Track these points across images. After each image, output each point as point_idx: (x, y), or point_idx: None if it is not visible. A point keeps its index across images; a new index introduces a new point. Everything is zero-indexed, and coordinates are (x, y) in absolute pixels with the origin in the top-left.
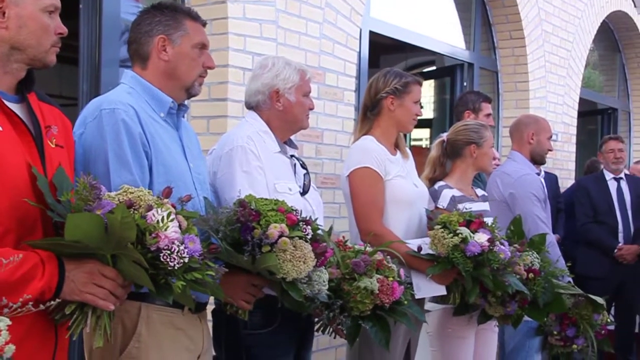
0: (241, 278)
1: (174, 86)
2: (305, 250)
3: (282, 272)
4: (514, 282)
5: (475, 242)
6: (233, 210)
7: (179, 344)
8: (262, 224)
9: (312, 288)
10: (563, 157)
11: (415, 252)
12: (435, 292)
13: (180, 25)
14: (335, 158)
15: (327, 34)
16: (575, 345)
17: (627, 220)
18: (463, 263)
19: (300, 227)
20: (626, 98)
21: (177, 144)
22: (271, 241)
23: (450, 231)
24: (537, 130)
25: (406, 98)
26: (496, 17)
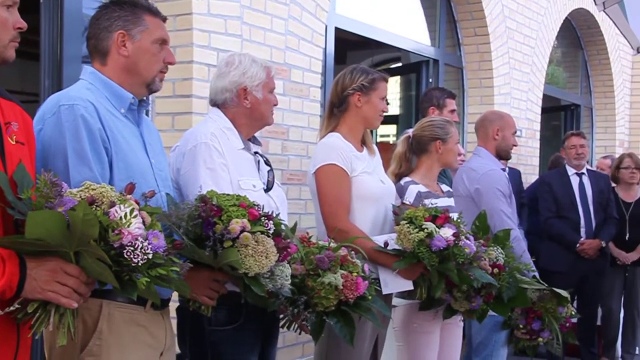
0: (203, 274)
1: (134, 82)
2: (267, 245)
3: (244, 267)
4: (480, 275)
5: (440, 236)
6: (195, 206)
7: (141, 341)
8: (223, 219)
9: (275, 283)
10: (527, 153)
11: (381, 247)
12: (402, 288)
13: (139, 20)
14: (301, 154)
15: (292, 30)
16: (540, 338)
17: (589, 215)
18: (429, 258)
19: (262, 222)
20: (589, 95)
21: (138, 140)
22: (233, 236)
23: (416, 226)
24: (502, 126)
25: (373, 95)
26: (461, 13)
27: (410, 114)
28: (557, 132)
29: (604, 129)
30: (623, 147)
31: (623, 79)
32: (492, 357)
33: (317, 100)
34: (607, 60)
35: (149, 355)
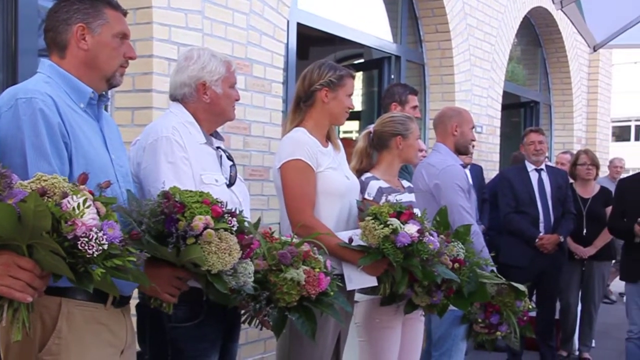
0: (165, 271)
1: (93, 76)
2: (231, 242)
3: (207, 265)
4: (443, 271)
5: (405, 233)
6: (157, 202)
7: (102, 339)
8: (186, 215)
9: (238, 280)
10: (488, 149)
11: (346, 243)
12: (367, 284)
13: (99, 13)
14: (263, 150)
15: (254, 25)
16: (499, 332)
17: (548, 211)
18: (393, 254)
19: (226, 219)
20: (547, 92)
21: (98, 135)
22: (196, 233)
23: (381, 222)
24: (460, 122)
25: (340, 91)
26: (422, 10)
27: (373, 110)
28: (517, 129)
29: (562, 126)
30: (580, 143)
31: (580, 77)
32: (452, 351)
33: (279, 96)
34: (565, 58)
35: (109, 354)
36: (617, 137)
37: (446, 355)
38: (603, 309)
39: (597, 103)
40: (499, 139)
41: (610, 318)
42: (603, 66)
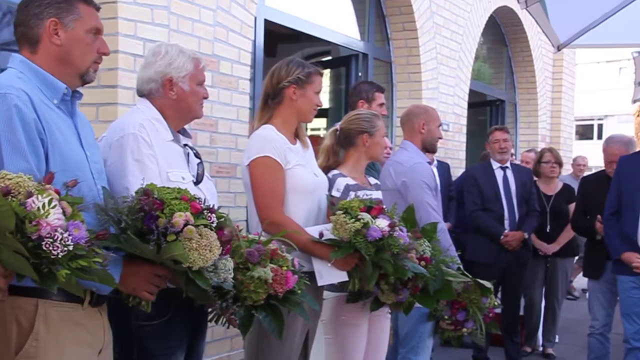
0: (144, 268)
1: (66, 72)
2: (211, 239)
3: (189, 261)
4: (413, 266)
5: (376, 227)
6: (136, 200)
7: (80, 339)
8: (166, 212)
9: (218, 276)
10: (454, 147)
11: (316, 238)
12: (337, 279)
13: (73, 8)
14: (230, 147)
15: (221, 22)
16: (465, 329)
17: (513, 208)
18: (365, 247)
19: (205, 215)
20: (513, 90)
21: (72, 132)
22: (177, 230)
23: (352, 216)
24: (427, 120)
25: (308, 88)
26: (389, 8)
27: (340, 107)
28: (483, 127)
29: (527, 124)
30: (545, 141)
31: (545, 76)
32: (419, 348)
33: (246, 93)
34: (530, 58)
35: (87, 354)
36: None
37: (413, 352)
38: (566, 305)
39: (561, 102)
40: (465, 137)
41: (573, 314)
42: (567, 65)
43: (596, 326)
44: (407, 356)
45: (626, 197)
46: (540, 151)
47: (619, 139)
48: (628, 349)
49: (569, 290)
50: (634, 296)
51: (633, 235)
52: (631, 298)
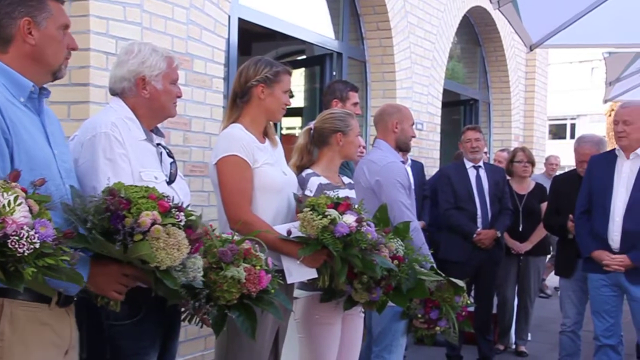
0: (112, 268)
1: (39, 70)
2: (179, 238)
3: (156, 261)
4: (382, 262)
5: (343, 223)
6: (102, 199)
7: (46, 339)
8: (133, 212)
9: (187, 275)
10: (428, 146)
11: (284, 236)
12: (307, 276)
13: (44, 6)
14: (204, 146)
15: (194, 20)
16: (438, 327)
17: (485, 207)
18: (333, 243)
19: (173, 214)
20: (486, 90)
21: (39, 130)
22: (143, 229)
23: (319, 213)
24: (401, 119)
25: (276, 87)
26: (364, 7)
27: (315, 106)
28: (457, 126)
29: (500, 124)
30: (518, 141)
31: (518, 76)
32: (392, 346)
33: (220, 92)
34: (503, 57)
35: (53, 355)
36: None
37: (386, 351)
38: (538, 303)
39: (534, 101)
40: (439, 136)
41: (546, 312)
42: (540, 65)
43: (567, 324)
44: (381, 354)
45: (597, 196)
46: (512, 151)
47: (589, 139)
48: (598, 346)
49: (542, 289)
50: (604, 294)
51: (603, 233)
52: (601, 296)
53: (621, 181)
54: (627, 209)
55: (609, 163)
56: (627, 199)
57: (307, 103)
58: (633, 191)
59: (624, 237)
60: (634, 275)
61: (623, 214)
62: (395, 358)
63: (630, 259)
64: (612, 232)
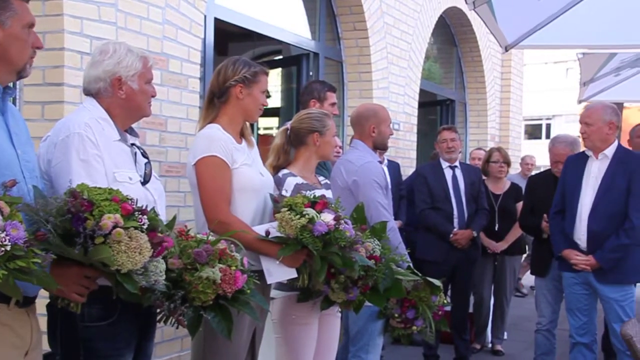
0: (73, 270)
1: (3, 69)
2: (141, 241)
3: (116, 264)
4: (361, 259)
5: (321, 222)
6: (64, 200)
7: (5, 340)
8: (95, 214)
9: (148, 279)
10: (405, 146)
11: (263, 236)
12: (286, 276)
13: (7, 5)
14: (180, 146)
15: (170, 20)
16: (415, 327)
17: (462, 207)
18: (312, 242)
19: (136, 217)
20: (462, 90)
21: (2, 130)
22: (104, 232)
23: (296, 213)
24: (378, 122)
25: (254, 87)
26: (340, 8)
27: (292, 106)
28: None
29: (476, 124)
30: (494, 141)
31: (494, 76)
32: (369, 346)
33: (196, 92)
34: (479, 58)
35: (13, 355)
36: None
37: (363, 350)
38: (514, 302)
39: (509, 102)
40: (416, 136)
41: (521, 311)
42: (515, 66)
43: (543, 322)
44: (358, 354)
45: (568, 196)
46: (488, 151)
47: (563, 139)
48: (572, 344)
49: (517, 288)
50: (577, 292)
51: (572, 233)
52: (574, 294)
53: (589, 182)
54: (592, 209)
55: (580, 163)
56: (593, 200)
57: (284, 103)
58: (598, 192)
59: (590, 237)
60: (601, 274)
61: (589, 214)
62: (372, 358)
63: (595, 259)
64: (579, 232)
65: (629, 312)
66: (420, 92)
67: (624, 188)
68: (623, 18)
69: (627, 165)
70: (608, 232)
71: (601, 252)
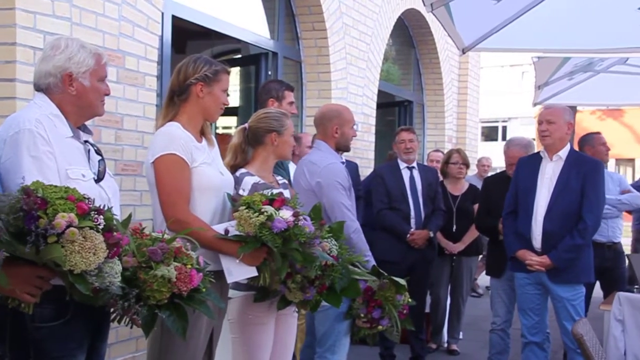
0: (24, 269)
1: None
2: (96, 241)
3: (69, 265)
4: (321, 255)
5: (280, 218)
6: (16, 198)
7: None
8: (48, 213)
9: (103, 280)
10: (363, 147)
11: (223, 235)
12: (247, 275)
13: None
14: (137, 144)
15: (126, 16)
16: (380, 326)
17: (419, 207)
18: (272, 240)
19: (92, 216)
20: (420, 92)
21: None
22: (57, 231)
23: (255, 210)
24: (341, 124)
25: (215, 86)
26: (299, 8)
27: (250, 106)
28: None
29: (434, 125)
30: (451, 142)
31: (452, 78)
32: (336, 346)
33: (153, 90)
34: (437, 60)
35: None
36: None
37: (330, 351)
38: (470, 302)
39: (466, 104)
40: (374, 137)
41: (477, 311)
42: (472, 68)
43: (497, 322)
44: (324, 355)
45: (521, 197)
46: (447, 152)
47: (518, 142)
48: (525, 343)
49: (473, 288)
50: (529, 292)
51: (527, 234)
52: (526, 294)
53: (544, 183)
54: (547, 210)
55: (534, 165)
56: (548, 200)
57: (242, 102)
58: (553, 193)
59: (545, 238)
60: (554, 274)
61: (544, 214)
62: (338, 358)
63: (550, 259)
64: (534, 232)
65: (579, 311)
66: (379, 93)
67: (578, 189)
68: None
69: (581, 168)
70: (562, 232)
71: (556, 252)
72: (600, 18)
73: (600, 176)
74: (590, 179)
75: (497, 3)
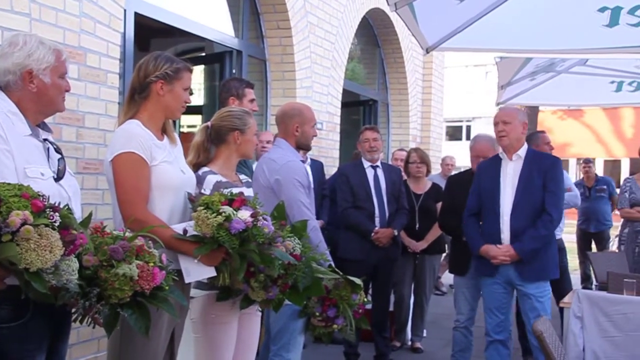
0: None
1: None
2: (52, 239)
3: (25, 263)
4: (280, 254)
5: (238, 219)
6: None
7: None
8: (2, 211)
9: (60, 278)
10: (328, 145)
11: (181, 235)
12: (205, 275)
13: None
14: (98, 143)
15: (87, 13)
16: (335, 325)
17: (383, 206)
18: (229, 241)
19: (47, 214)
20: (385, 91)
21: None
22: (12, 229)
23: (213, 211)
24: (302, 122)
25: (176, 84)
26: (264, 6)
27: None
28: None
29: (398, 124)
30: (416, 142)
31: (416, 78)
32: (290, 345)
33: (115, 87)
34: (401, 59)
35: None
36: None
37: (284, 349)
38: (434, 300)
39: (431, 103)
40: (339, 136)
41: (441, 308)
42: (436, 68)
43: (461, 320)
44: (279, 353)
45: (486, 199)
46: (407, 152)
47: (485, 136)
48: (489, 341)
49: (437, 286)
50: (496, 291)
51: (495, 233)
52: (493, 293)
53: (507, 182)
54: (513, 208)
55: (495, 167)
56: (513, 199)
57: (206, 101)
58: (517, 191)
59: (513, 235)
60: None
61: (510, 212)
62: (293, 356)
63: (514, 249)
64: (502, 231)
65: (546, 308)
66: (344, 92)
67: (540, 185)
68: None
69: (540, 164)
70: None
71: (520, 243)
72: (562, 19)
73: (559, 170)
74: (551, 174)
75: (460, 3)
